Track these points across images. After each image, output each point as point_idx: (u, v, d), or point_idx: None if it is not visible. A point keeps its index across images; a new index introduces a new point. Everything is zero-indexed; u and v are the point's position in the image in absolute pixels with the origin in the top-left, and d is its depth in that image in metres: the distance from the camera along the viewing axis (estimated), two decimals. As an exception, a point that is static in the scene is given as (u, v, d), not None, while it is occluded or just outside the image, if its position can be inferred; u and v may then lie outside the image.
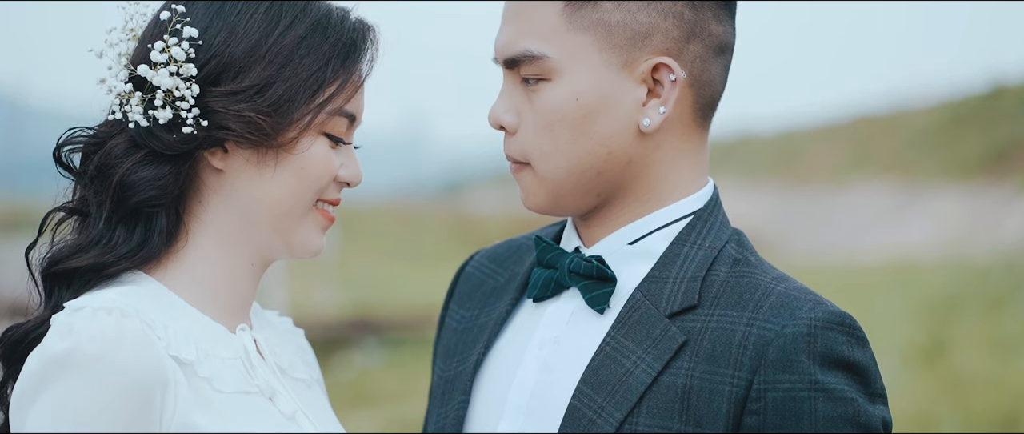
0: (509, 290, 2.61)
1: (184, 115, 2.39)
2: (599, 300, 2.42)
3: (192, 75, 2.39)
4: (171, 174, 2.41)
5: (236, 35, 2.42)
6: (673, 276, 2.41)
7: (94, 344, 2.24)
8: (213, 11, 2.44)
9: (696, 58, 2.40)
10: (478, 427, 2.50)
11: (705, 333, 2.35)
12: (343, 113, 2.47)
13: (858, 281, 19.09)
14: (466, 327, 2.64)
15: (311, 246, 2.51)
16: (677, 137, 2.43)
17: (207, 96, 2.40)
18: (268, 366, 2.51)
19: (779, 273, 2.43)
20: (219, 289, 2.48)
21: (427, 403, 2.73)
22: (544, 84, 2.39)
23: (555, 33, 2.38)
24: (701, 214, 2.47)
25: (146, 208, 2.42)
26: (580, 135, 2.39)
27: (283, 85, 2.41)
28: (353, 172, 2.51)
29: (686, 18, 2.38)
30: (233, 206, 2.46)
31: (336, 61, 2.46)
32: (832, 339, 2.30)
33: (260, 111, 2.39)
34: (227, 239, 2.47)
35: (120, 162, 2.42)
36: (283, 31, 2.44)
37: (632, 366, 2.36)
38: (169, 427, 2.28)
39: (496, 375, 2.51)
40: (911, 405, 10.74)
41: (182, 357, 2.33)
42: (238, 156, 2.43)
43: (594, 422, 2.34)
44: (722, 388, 2.30)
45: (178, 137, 2.40)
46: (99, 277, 2.42)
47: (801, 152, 36.61)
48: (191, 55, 2.40)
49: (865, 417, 2.30)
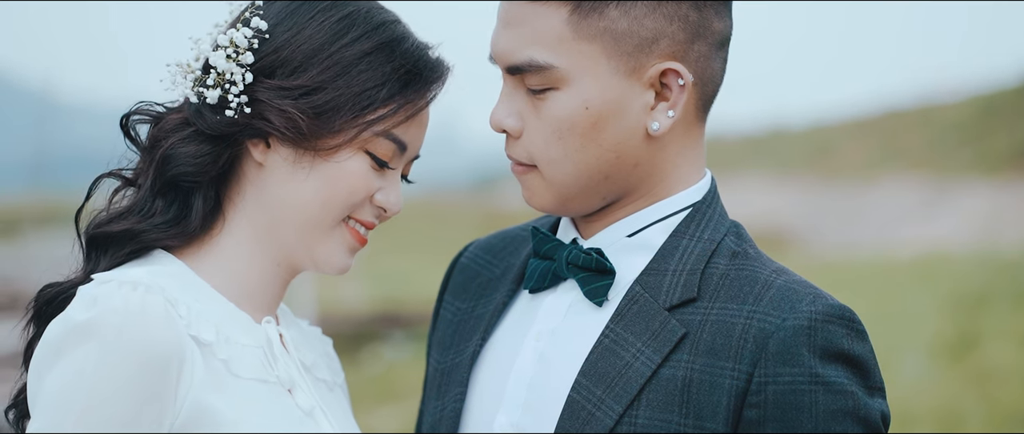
0: (505, 281, 2.60)
1: (230, 99, 2.44)
2: (597, 292, 2.42)
3: (249, 63, 2.44)
4: (210, 155, 2.46)
5: (301, 35, 2.46)
6: (672, 269, 2.40)
7: (116, 316, 2.28)
8: (289, 10, 2.49)
9: (700, 57, 2.39)
10: (476, 419, 2.49)
11: (705, 326, 2.34)
12: (391, 137, 2.47)
13: (887, 276, 19.05)
14: (462, 319, 2.63)
15: (334, 263, 2.52)
16: (681, 135, 2.42)
17: (258, 86, 2.44)
18: (291, 360, 2.52)
19: (778, 266, 2.42)
20: (247, 282, 2.50)
21: (421, 395, 2.73)
22: (551, 92, 2.37)
23: (561, 42, 2.35)
24: (699, 206, 2.46)
25: (183, 183, 2.47)
26: (589, 142, 2.37)
27: (332, 93, 2.43)
28: (390, 200, 2.51)
29: (691, 20, 2.36)
30: (265, 202, 2.48)
31: (394, 85, 2.46)
32: (832, 332, 2.30)
33: (302, 111, 2.42)
34: (258, 235, 2.50)
35: (169, 136, 2.48)
36: (349, 42, 2.46)
37: (632, 359, 2.35)
38: (182, 405, 2.30)
39: (493, 367, 2.50)
40: (938, 400, 10.72)
41: (201, 337, 2.36)
42: (278, 153, 2.46)
43: (593, 415, 2.34)
44: (722, 381, 2.30)
45: (221, 119, 2.45)
46: (133, 244, 2.46)
47: (832, 147, 36.56)
48: (254, 45, 2.45)
49: (864, 410, 2.29)
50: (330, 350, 2.76)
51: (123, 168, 2.54)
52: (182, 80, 2.48)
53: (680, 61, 2.36)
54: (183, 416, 2.31)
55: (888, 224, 27.42)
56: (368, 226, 2.53)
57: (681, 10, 2.35)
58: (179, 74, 2.49)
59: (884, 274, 19.25)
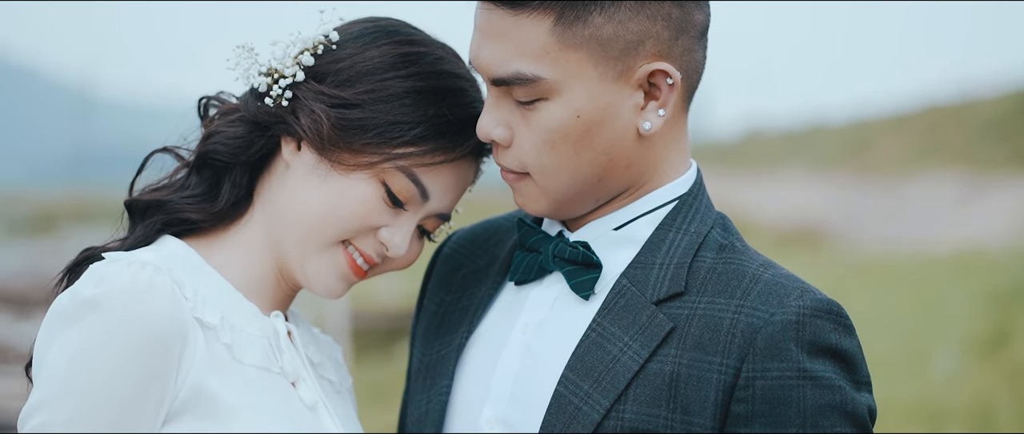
0: (490, 273, 2.59)
1: (274, 88, 2.50)
2: (584, 286, 2.41)
3: (307, 65, 2.49)
4: (244, 139, 2.51)
5: (363, 55, 2.49)
6: (659, 262, 2.39)
7: (123, 293, 2.31)
8: (365, 32, 2.53)
9: (684, 52, 2.37)
10: (462, 412, 2.49)
11: (692, 320, 2.33)
12: (410, 175, 2.47)
13: (924, 272, 18.98)
14: (446, 310, 2.63)
15: (321, 282, 2.52)
16: (668, 130, 2.41)
17: (304, 86, 2.49)
18: (297, 354, 2.53)
19: (765, 259, 2.41)
20: (256, 277, 2.53)
21: (405, 386, 2.73)
22: (541, 103, 2.34)
23: (547, 53, 2.31)
24: (686, 199, 2.45)
25: (216, 161, 2.53)
26: (583, 149, 2.35)
27: (366, 113, 2.45)
28: (395, 240, 2.51)
29: (674, 17, 2.34)
30: (278, 202, 2.51)
31: (428, 129, 2.47)
32: (820, 327, 2.29)
33: (329, 119, 2.45)
34: (267, 234, 2.52)
35: (220, 118, 2.56)
36: (403, 76, 2.48)
37: (619, 353, 2.34)
38: (182, 386, 2.33)
39: (479, 360, 2.50)
40: (971, 396, 10.68)
41: (205, 320, 2.38)
42: (304, 157, 2.49)
43: (580, 409, 2.33)
44: (710, 376, 2.29)
45: (260, 106, 2.51)
46: (162, 213, 2.52)
47: (871, 142, 36.40)
48: (318, 50, 2.51)
49: (852, 405, 2.28)
50: (339, 357, 2.78)
51: (177, 146, 2.59)
52: (243, 62, 2.53)
53: (666, 59, 2.35)
54: (182, 396, 2.33)
55: (926, 220, 27.30)
56: (368, 260, 2.52)
57: (664, 9, 2.33)
58: (243, 55, 2.54)
59: (921, 270, 19.18)
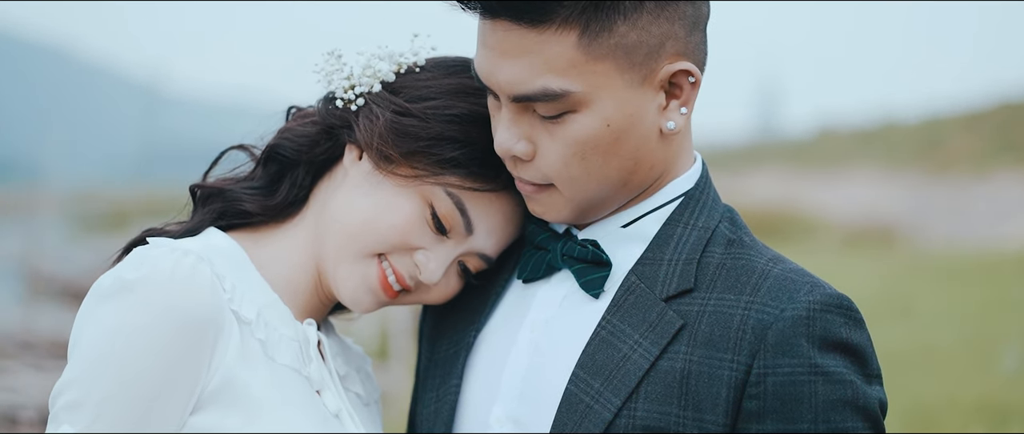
0: (497, 271, 2.58)
1: (347, 94, 2.56)
2: (594, 284, 2.40)
3: (387, 80, 2.54)
4: (309, 138, 2.57)
5: (438, 81, 2.53)
6: (668, 258, 2.38)
7: (164, 277, 2.33)
8: (451, 63, 2.57)
9: (697, 46, 2.37)
10: (472, 411, 2.49)
11: (702, 317, 2.32)
12: (453, 197, 2.48)
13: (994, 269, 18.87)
14: (455, 308, 2.62)
15: (350, 290, 2.53)
16: (683, 126, 2.40)
17: (377, 95, 2.53)
18: (324, 365, 2.54)
19: (774, 254, 2.40)
20: (295, 281, 2.55)
21: (414, 383, 2.73)
22: (568, 115, 2.31)
23: (573, 66, 2.27)
24: (693, 193, 2.44)
25: (279, 156, 2.58)
26: (612, 157, 2.34)
27: (419, 124, 2.48)
28: (429, 267, 2.51)
29: (689, 15, 2.33)
30: (328, 205, 2.54)
31: (468, 153, 2.48)
32: (830, 321, 2.28)
33: (385, 121, 2.48)
34: (312, 237, 2.54)
35: (296, 119, 2.63)
36: (462, 102, 2.50)
37: (629, 351, 2.33)
38: (213, 374, 2.35)
39: (489, 358, 2.50)
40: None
41: (242, 313, 2.41)
42: (362, 166, 2.52)
43: (591, 408, 2.32)
44: (721, 373, 2.28)
45: (330, 109, 2.57)
46: (221, 201, 2.57)
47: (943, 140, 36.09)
48: (401, 70, 2.55)
49: (863, 399, 2.28)
50: (368, 368, 2.79)
51: (252, 145, 2.64)
52: (328, 67, 2.58)
53: (685, 57, 2.34)
54: (213, 385, 2.35)
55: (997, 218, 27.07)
56: (400, 280, 2.52)
57: (680, 9, 2.32)
58: (330, 61, 2.58)
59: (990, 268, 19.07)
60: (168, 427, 2.33)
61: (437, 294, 2.55)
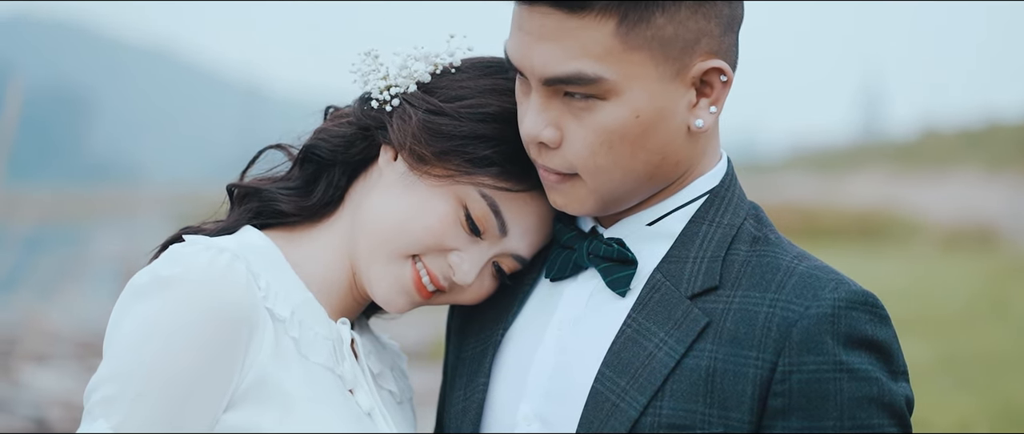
0: (526, 269, 2.58)
1: (382, 94, 2.56)
2: (620, 283, 2.41)
3: (422, 81, 2.54)
4: (345, 139, 2.57)
5: (474, 82, 2.53)
6: (693, 256, 2.39)
7: (199, 274, 2.35)
8: (486, 64, 2.57)
9: (730, 47, 2.38)
10: (499, 409, 2.50)
11: (728, 314, 2.33)
12: (486, 197, 2.48)
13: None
14: (482, 307, 2.62)
15: (384, 291, 2.53)
16: (711, 125, 2.40)
17: (412, 95, 2.53)
18: (358, 365, 2.56)
19: (799, 251, 2.40)
20: (329, 279, 2.56)
21: (442, 380, 2.75)
22: (598, 103, 2.32)
23: (609, 53, 2.29)
24: (718, 191, 2.45)
25: (315, 156, 2.59)
26: (639, 149, 2.34)
27: (452, 122, 2.48)
28: (463, 267, 2.51)
29: (725, 14, 2.34)
30: (363, 205, 2.55)
31: (498, 154, 2.48)
32: (855, 319, 2.28)
33: (419, 121, 2.48)
34: (347, 237, 2.56)
35: (332, 119, 2.64)
36: (496, 101, 2.50)
37: (655, 349, 2.34)
38: (247, 372, 2.37)
39: (516, 356, 2.51)
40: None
41: (276, 311, 2.43)
42: (397, 167, 2.53)
43: (617, 406, 2.33)
44: (747, 370, 2.29)
45: (366, 108, 2.57)
46: (257, 201, 2.58)
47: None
48: (437, 71, 2.55)
49: (889, 396, 2.28)
50: (403, 366, 2.81)
51: (289, 145, 2.65)
52: (364, 67, 2.59)
53: (718, 56, 2.35)
54: (247, 382, 2.37)
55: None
56: (434, 281, 2.52)
57: (717, 7, 2.33)
58: (367, 61, 2.59)
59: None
60: (202, 424, 2.35)
61: (471, 295, 2.56)
